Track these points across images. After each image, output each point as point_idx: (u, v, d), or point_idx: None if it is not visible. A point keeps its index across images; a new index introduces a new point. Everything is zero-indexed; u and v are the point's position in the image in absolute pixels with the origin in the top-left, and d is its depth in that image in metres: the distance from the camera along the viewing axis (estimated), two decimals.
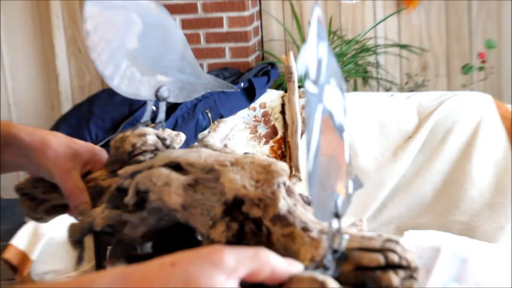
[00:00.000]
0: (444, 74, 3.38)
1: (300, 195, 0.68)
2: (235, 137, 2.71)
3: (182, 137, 0.85)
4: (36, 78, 3.62)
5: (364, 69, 3.33)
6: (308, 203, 0.68)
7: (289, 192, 0.67)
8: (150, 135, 0.83)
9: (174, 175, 0.71)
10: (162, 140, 0.84)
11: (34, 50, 3.57)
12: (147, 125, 0.87)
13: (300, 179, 1.85)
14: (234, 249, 0.52)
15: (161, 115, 0.88)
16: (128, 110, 2.73)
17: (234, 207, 0.66)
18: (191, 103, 2.73)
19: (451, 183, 2.51)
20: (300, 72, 0.50)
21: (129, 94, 0.84)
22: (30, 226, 2.35)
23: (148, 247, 0.77)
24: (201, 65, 3.30)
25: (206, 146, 0.81)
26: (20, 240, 2.33)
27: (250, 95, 2.82)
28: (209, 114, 2.71)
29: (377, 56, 3.36)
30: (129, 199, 0.74)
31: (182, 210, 0.70)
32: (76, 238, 0.80)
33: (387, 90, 3.33)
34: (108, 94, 2.79)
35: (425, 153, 2.57)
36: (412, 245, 1.77)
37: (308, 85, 0.51)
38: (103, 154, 0.89)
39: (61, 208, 0.90)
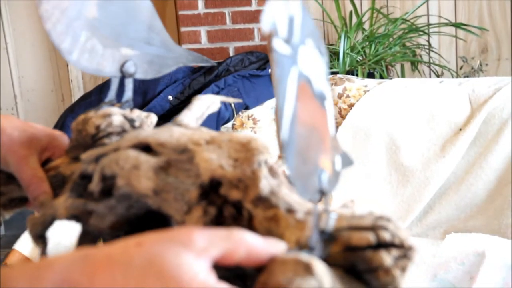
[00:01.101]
0: (507, 57, 3.26)
1: (285, 176, 0.69)
2: (262, 129, 2.66)
3: (152, 118, 0.86)
4: (44, 66, 3.60)
5: (413, 52, 3.21)
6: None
7: (272, 172, 0.68)
8: (116, 115, 0.83)
9: (144, 157, 0.72)
10: (130, 121, 0.84)
11: (41, 36, 3.55)
12: (112, 105, 0.88)
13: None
14: (205, 229, 0.53)
15: (128, 93, 0.88)
16: (142, 100, 2.73)
17: (211, 189, 0.67)
18: (211, 92, 2.70)
19: (507, 182, 2.42)
20: (265, 29, 0.50)
21: (91, 70, 0.84)
22: None
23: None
24: (227, 49, 3.27)
25: (179, 126, 0.82)
26: (24, 245, 2.34)
27: None
28: (232, 105, 2.69)
29: (429, 37, 3.24)
30: (94, 186, 0.74)
31: (153, 195, 0.70)
32: (37, 232, 0.80)
33: (439, 76, 3.22)
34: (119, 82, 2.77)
35: (477, 147, 2.49)
36: (455, 250, 1.78)
37: (277, 44, 0.51)
38: (63, 138, 0.89)
39: (20, 202, 0.90)
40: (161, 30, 0.90)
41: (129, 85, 0.88)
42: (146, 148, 0.74)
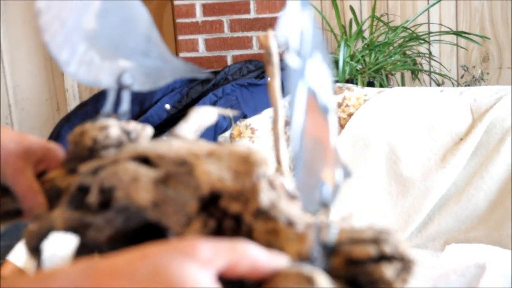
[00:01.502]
0: (508, 66, 3.27)
1: (284, 189, 0.71)
2: (260, 138, 2.67)
3: (148, 131, 0.87)
4: (39, 75, 3.61)
5: (413, 61, 3.22)
6: (293, 197, 0.70)
7: (271, 185, 0.69)
8: (113, 127, 0.84)
9: (143, 170, 0.73)
10: (127, 133, 0.85)
11: (36, 45, 3.56)
12: (109, 117, 0.89)
13: (282, 173, 1.85)
14: (209, 240, 0.54)
15: (125, 105, 0.89)
16: (139, 109, 2.74)
17: (211, 202, 0.68)
18: (209, 101, 2.72)
19: (508, 193, 2.42)
20: (280, 41, 0.51)
21: (88, 81, 0.86)
22: None
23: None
24: (225, 57, 3.28)
25: (177, 138, 0.83)
26: (18, 256, 2.33)
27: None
28: (230, 114, 2.69)
29: (430, 46, 3.25)
30: (93, 198, 0.75)
31: (152, 208, 0.71)
32: (33, 244, 0.81)
33: (439, 85, 3.22)
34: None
35: (478, 157, 2.50)
36: (455, 261, 1.78)
37: (290, 58, 0.52)
38: (59, 151, 0.89)
39: (15, 214, 0.90)
40: (159, 42, 0.91)
41: (126, 97, 0.89)
42: (145, 160, 0.75)
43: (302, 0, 0.56)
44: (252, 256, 0.55)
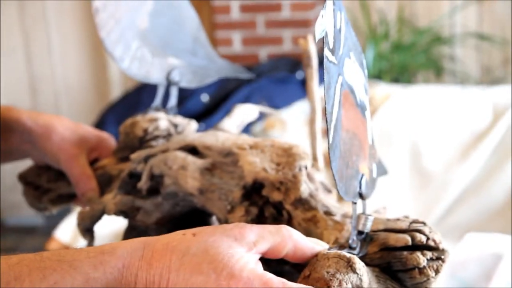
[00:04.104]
0: None
1: (321, 182, 0.72)
2: (291, 130, 2.66)
3: (193, 125, 0.88)
4: (85, 65, 3.66)
5: (437, 62, 3.20)
6: (328, 190, 0.72)
7: (310, 178, 0.71)
8: (162, 120, 0.86)
9: (191, 159, 0.75)
10: (175, 126, 0.87)
11: (82, 36, 3.61)
12: (158, 110, 0.90)
13: (318, 169, 1.85)
14: (255, 225, 0.56)
15: (173, 100, 0.90)
16: (178, 99, 2.76)
17: (254, 191, 0.70)
18: (242, 94, 2.73)
19: None
20: (317, 37, 0.52)
21: (140, 77, 0.87)
22: (74, 218, 2.35)
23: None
24: (259, 54, 3.30)
25: (223, 131, 0.84)
26: (64, 232, 2.36)
27: None
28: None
29: (453, 48, 3.21)
30: (143, 184, 0.77)
31: (198, 194, 0.73)
32: (86, 226, 0.84)
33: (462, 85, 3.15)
34: None
35: (499, 154, 2.47)
36: (473, 250, 1.79)
37: (327, 53, 0.54)
38: (110, 140, 0.91)
39: (67, 198, 0.93)
40: (205, 43, 0.92)
41: (174, 92, 0.90)
42: (192, 150, 0.77)
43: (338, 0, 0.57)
44: (294, 238, 0.57)
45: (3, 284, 0.52)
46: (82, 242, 2.29)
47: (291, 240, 0.56)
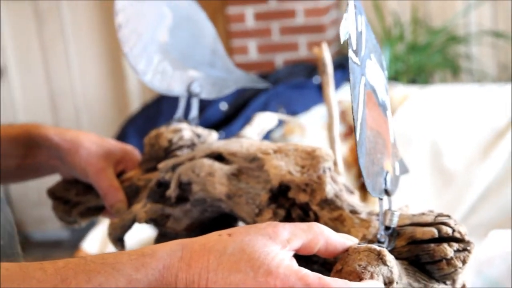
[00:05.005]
0: None
1: (343, 184, 0.74)
2: (310, 136, 2.67)
3: (214, 135, 0.91)
4: (103, 78, 3.69)
5: (453, 61, 3.18)
6: (351, 192, 0.73)
7: (333, 180, 0.72)
8: (186, 130, 0.88)
9: (217, 165, 0.77)
10: (198, 136, 0.89)
11: (102, 49, 3.65)
12: (180, 121, 0.92)
13: (338, 173, 1.84)
14: (287, 223, 0.58)
15: (194, 112, 0.92)
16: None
17: (280, 193, 0.72)
18: (260, 101, 2.74)
19: None
20: (342, 39, 0.54)
21: (162, 89, 0.90)
22: (100, 230, 2.39)
23: None
24: (275, 61, 3.33)
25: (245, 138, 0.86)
26: (91, 244, 2.39)
27: None
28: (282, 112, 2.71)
29: (469, 46, 3.20)
30: (172, 191, 0.79)
31: (226, 199, 0.75)
32: (117, 235, 0.86)
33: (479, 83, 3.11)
34: None
35: None
36: (498, 247, 1.79)
37: (351, 54, 0.56)
38: (135, 153, 0.94)
39: (96, 210, 0.95)
40: (222, 54, 0.94)
41: (195, 104, 0.92)
42: (218, 157, 0.79)
43: (358, 1, 0.58)
44: (326, 234, 0.58)
45: (51, 286, 0.54)
46: None
47: (322, 236, 0.58)
